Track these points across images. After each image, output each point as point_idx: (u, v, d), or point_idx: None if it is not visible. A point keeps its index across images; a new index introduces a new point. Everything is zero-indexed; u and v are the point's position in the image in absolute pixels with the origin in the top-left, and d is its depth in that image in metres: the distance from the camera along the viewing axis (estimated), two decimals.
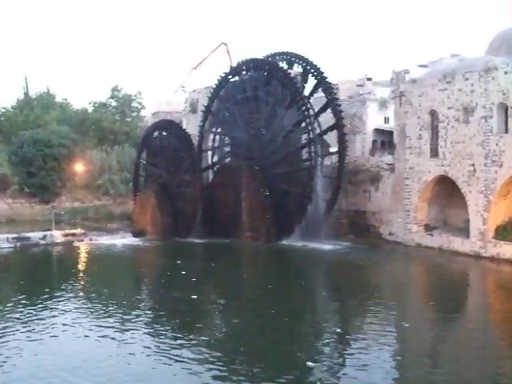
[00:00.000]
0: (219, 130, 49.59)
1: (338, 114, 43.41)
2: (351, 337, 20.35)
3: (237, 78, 47.65)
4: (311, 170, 41.58)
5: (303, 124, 42.31)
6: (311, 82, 45.30)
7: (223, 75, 47.60)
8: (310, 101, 44.28)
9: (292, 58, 46.07)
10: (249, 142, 45.18)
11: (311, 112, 43.22)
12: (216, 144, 50.08)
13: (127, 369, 17.06)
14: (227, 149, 49.69)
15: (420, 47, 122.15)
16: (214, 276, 31.79)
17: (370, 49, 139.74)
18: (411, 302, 27.37)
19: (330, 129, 44.08)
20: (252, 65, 46.04)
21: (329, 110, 44.36)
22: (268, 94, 44.17)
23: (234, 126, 47.03)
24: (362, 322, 22.94)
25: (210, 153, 50.92)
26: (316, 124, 43.36)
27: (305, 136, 42.72)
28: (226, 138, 49.59)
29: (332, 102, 43.74)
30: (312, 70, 44.57)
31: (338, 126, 43.32)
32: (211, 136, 50.19)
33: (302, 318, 23.39)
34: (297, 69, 46.51)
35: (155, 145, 48.86)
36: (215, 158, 50.11)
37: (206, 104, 49.28)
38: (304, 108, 42.26)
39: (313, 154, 41.67)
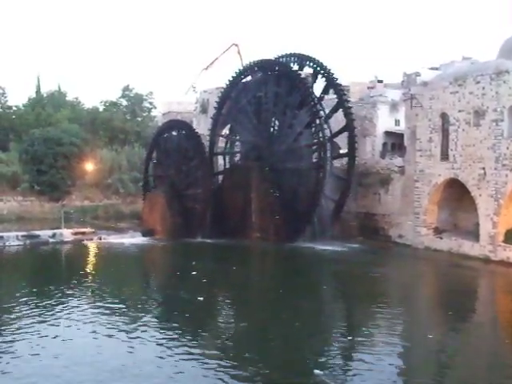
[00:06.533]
0: (230, 131, 49.66)
1: (348, 115, 43.38)
2: (362, 345, 19.57)
3: (248, 78, 47.70)
4: (321, 170, 41.48)
5: (313, 126, 42.16)
6: (322, 83, 45.34)
7: (234, 76, 47.65)
8: (321, 102, 44.35)
9: (302, 60, 45.89)
10: (259, 143, 45.18)
11: (322, 114, 43.21)
12: (227, 146, 50.16)
13: (132, 368, 17.06)
14: (238, 150, 49.78)
15: (431, 50, 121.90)
16: (224, 277, 31.46)
17: (382, 51, 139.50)
18: (427, 311, 26.42)
19: (341, 131, 44.04)
20: (262, 66, 46.06)
21: (340, 112, 44.33)
22: (278, 95, 44.18)
23: (244, 128, 47.06)
24: (375, 329, 21.90)
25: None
26: (326, 126, 43.37)
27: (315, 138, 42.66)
28: (237, 139, 49.66)
29: (343, 104, 43.69)
30: (322, 71, 44.49)
31: (348, 127, 43.31)
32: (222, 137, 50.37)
33: (313, 323, 22.69)
34: (307, 70, 46.48)
35: (165, 145, 48.85)
36: (226, 160, 50.12)
37: (216, 104, 49.32)
38: (314, 109, 42.24)
39: (322, 155, 41.61)
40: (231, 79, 47.88)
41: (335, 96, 44.83)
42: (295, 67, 45.45)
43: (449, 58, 50.52)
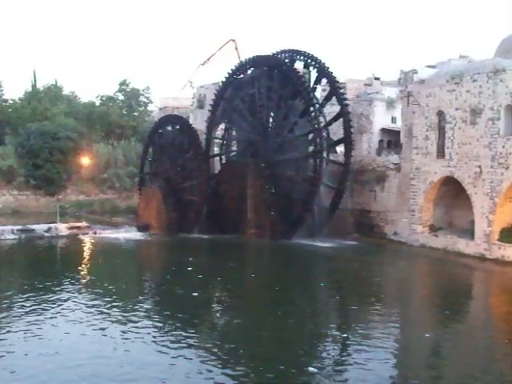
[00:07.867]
0: (225, 131, 49.60)
1: (342, 101, 43.19)
2: (358, 343, 19.27)
3: (244, 74, 47.59)
4: (318, 157, 41.22)
5: (308, 113, 41.88)
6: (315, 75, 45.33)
7: (230, 72, 47.49)
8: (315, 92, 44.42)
9: (293, 54, 45.78)
10: (255, 139, 45.15)
11: (315, 101, 43.13)
12: (223, 146, 50.07)
13: (123, 365, 16.95)
14: (234, 149, 49.75)
15: (428, 48, 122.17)
16: (220, 273, 31.13)
17: (379, 49, 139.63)
18: (424, 310, 26.13)
19: (336, 118, 44.00)
20: (256, 61, 45.90)
21: (336, 108, 44.32)
22: (271, 89, 44.07)
23: (239, 126, 47.02)
24: (370, 327, 21.63)
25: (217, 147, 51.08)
26: (321, 115, 43.25)
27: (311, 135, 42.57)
28: (233, 135, 49.61)
29: (336, 91, 43.53)
30: (313, 63, 44.40)
31: (342, 113, 43.25)
32: (219, 133, 50.35)
33: (308, 320, 22.51)
34: (299, 65, 46.31)
35: (162, 139, 48.67)
36: (223, 160, 49.99)
37: (210, 107, 49.13)
38: (308, 97, 42.07)
39: (319, 141, 41.28)
40: (224, 79, 47.64)
41: (328, 86, 44.74)
42: (287, 62, 45.29)
43: (446, 56, 50.67)
